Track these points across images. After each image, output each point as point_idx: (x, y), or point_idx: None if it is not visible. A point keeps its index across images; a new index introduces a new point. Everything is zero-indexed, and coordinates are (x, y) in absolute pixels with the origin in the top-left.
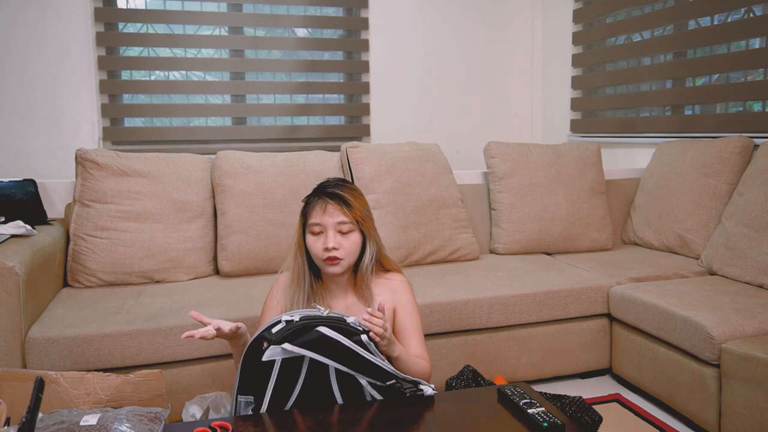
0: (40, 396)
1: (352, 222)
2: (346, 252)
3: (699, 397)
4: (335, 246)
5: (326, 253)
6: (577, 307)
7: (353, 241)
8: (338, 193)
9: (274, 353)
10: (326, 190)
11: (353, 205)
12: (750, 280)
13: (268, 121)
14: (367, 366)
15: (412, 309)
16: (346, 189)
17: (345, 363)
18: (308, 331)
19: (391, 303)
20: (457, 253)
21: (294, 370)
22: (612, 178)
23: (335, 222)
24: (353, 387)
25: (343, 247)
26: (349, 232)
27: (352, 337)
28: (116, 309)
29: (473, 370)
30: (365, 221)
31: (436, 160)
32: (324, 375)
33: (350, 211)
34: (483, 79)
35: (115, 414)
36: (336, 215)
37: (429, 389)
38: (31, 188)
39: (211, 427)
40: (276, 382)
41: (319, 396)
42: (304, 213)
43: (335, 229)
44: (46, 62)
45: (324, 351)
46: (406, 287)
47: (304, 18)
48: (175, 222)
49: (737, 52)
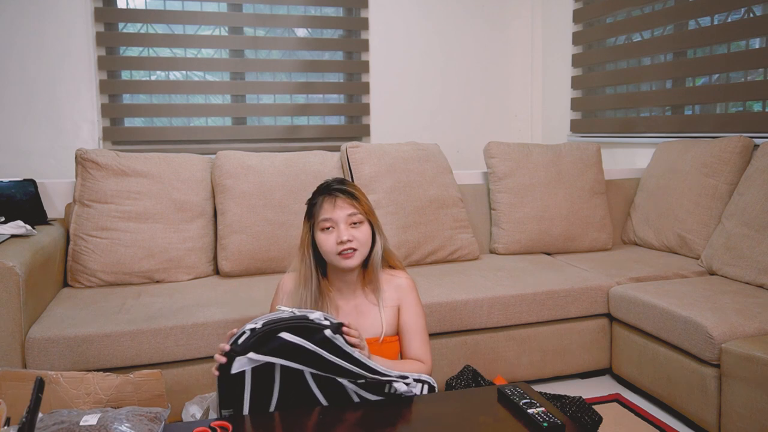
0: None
1: (362, 213)
2: (359, 243)
3: (699, 397)
4: (349, 238)
5: (340, 246)
6: (577, 307)
7: (365, 233)
8: (344, 188)
9: (241, 364)
10: (332, 187)
11: (360, 198)
12: (750, 280)
13: (268, 121)
14: (333, 367)
15: (417, 310)
16: (350, 185)
17: (314, 365)
18: (272, 337)
19: (396, 302)
20: (457, 253)
21: (268, 377)
22: (612, 178)
23: (346, 215)
24: (335, 387)
25: (357, 239)
26: (359, 224)
27: (315, 336)
28: (116, 309)
29: (473, 370)
30: (372, 214)
31: (436, 160)
32: (300, 378)
33: (359, 204)
34: (483, 79)
35: (115, 414)
36: (346, 208)
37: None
38: (31, 188)
39: (211, 427)
40: (252, 391)
41: (302, 399)
42: (310, 213)
43: (346, 222)
44: (46, 62)
45: (291, 356)
46: (411, 286)
47: (304, 18)
48: (175, 222)
49: (737, 52)
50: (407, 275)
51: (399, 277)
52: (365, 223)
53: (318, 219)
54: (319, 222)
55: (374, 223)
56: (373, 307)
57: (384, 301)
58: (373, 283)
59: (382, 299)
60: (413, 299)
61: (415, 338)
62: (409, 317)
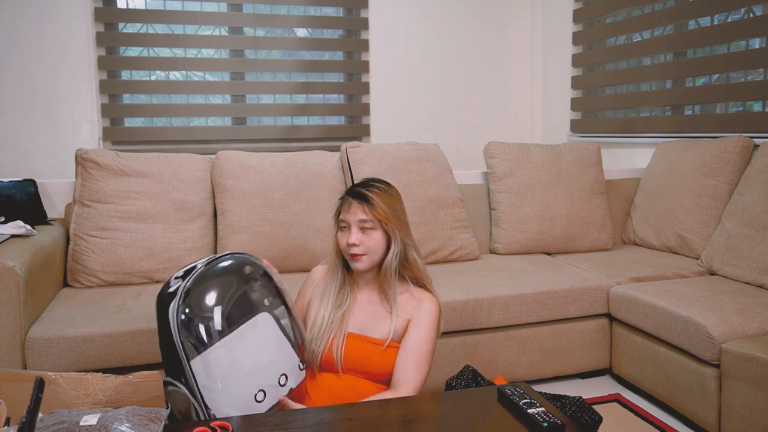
0: (40, 396)
1: (373, 220)
2: (366, 248)
3: (699, 397)
4: (355, 242)
5: (349, 248)
6: (577, 307)
7: (375, 240)
8: (362, 192)
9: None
10: (353, 189)
11: (375, 204)
12: (750, 280)
13: (268, 121)
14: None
15: (426, 335)
16: (375, 189)
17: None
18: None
19: (409, 315)
20: (457, 253)
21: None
22: (612, 178)
23: (357, 219)
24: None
25: (364, 244)
26: (371, 230)
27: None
28: (116, 309)
29: (473, 370)
30: (389, 221)
31: (436, 160)
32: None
33: (371, 210)
34: (483, 79)
35: (115, 414)
36: (358, 213)
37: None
38: (31, 188)
39: (211, 427)
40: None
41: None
42: (337, 209)
43: (357, 226)
44: (46, 62)
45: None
46: (432, 310)
47: (304, 18)
48: (175, 222)
49: (737, 52)
50: (435, 300)
51: (424, 299)
52: (378, 230)
53: (338, 217)
54: (338, 220)
55: (391, 231)
56: (386, 313)
57: (398, 311)
58: (387, 291)
59: (395, 307)
60: (428, 322)
61: (410, 360)
62: (414, 336)
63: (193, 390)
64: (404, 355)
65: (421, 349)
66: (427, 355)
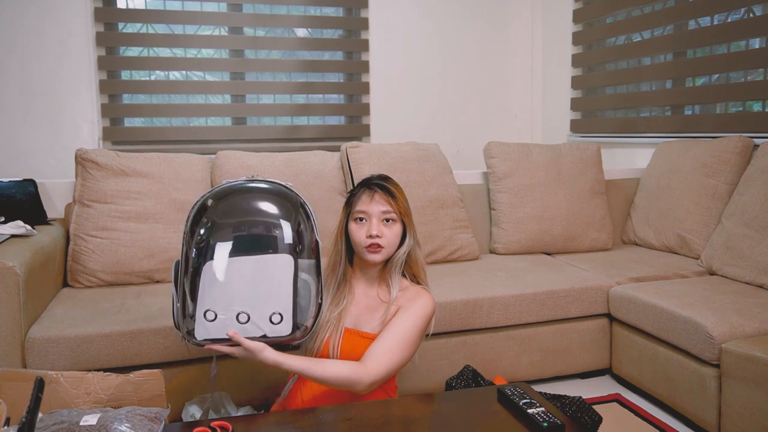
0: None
1: (396, 213)
2: (387, 241)
3: (699, 397)
4: (378, 234)
5: (369, 240)
6: (577, 307)
7: (395, 232)
8: (385, 185)
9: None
10: (374, 181)
11: (398, 197)
12: (750, 280)
13: (268, 121)
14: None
15: (412, 322)
16: (392, 183)
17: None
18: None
19: (400, 303)
20: (457, 253)
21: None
22: (612, 178)
23: (380, 211)
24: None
25: (385, 236)
26: (392, 223)
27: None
28: (116, 309)
29: (473, 370)
30: (407, 215)
31: (436, 160)
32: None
33: (395, 203)
34: (483, 79)
35: (115, 414)
36: (382, 204)
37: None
38: (31, 188)
39: (211, 427)
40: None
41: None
42: (349, 202)
43: (379, 217)
44: (46, 62)
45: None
46: (427, 304)
47: (304, 18)
48: (175, 222)
49: (737, 52)
50: (431, 298)
51: (421, 295)
52: (398, 222)
53: (354, 209)
54: (354, 212)
55: (408, 226)
56: (382, 305)
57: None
58: (387, 282)
59: (391, 299)
60: (418, 313)
61: (385, 339)
62: (400, 320)
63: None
64: (383, 334)
65: (401, 332)
66: (405, 342)
